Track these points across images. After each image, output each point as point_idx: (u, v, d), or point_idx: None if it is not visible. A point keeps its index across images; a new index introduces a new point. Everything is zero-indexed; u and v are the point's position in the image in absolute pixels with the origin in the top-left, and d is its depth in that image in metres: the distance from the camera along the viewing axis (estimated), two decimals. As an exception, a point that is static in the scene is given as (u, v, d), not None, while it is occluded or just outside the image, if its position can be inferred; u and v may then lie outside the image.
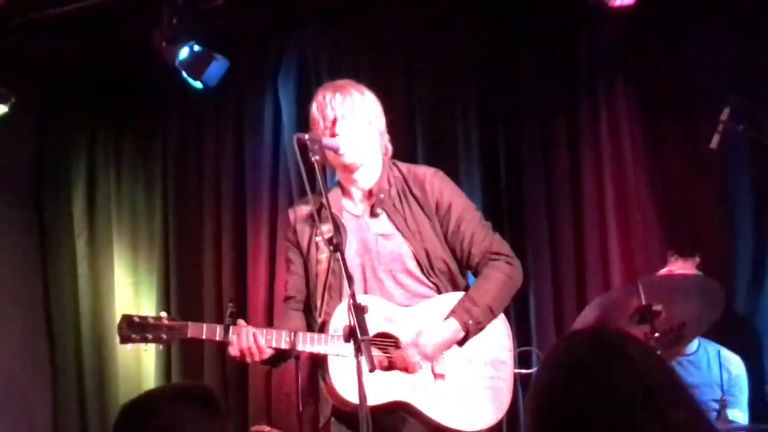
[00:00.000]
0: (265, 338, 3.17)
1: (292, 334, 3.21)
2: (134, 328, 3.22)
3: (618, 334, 1.66)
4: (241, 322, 3.22)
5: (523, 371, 4.46)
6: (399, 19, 5.55)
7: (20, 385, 5.93)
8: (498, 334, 3.41)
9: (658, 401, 1.53)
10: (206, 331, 3.22)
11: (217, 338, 3.20)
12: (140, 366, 5.96)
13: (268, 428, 4.84)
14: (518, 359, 4.67)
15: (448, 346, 3.30)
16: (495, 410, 3.34)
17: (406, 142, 5.30)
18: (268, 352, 3.20)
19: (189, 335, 3.22)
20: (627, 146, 5.10)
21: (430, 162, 4.79)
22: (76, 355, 6.10)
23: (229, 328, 3.19)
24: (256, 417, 5.45)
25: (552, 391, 1.60)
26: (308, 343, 3.20)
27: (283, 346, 3.19)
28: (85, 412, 6.07)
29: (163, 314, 3.28)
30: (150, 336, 3.22)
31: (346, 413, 3.18)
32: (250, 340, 3.16)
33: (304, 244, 3.42)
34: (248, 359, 3.20)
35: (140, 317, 3.25)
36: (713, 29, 5.01)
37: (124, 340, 3.22)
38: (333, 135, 3.31)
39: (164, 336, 3.22)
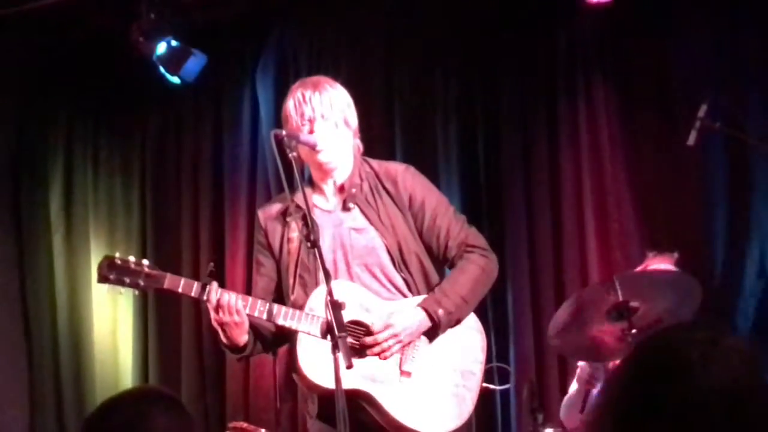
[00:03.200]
0: (242, 301, 3.16)
1: (268, 303, 3.19)
2: (113, 270, 3.18)
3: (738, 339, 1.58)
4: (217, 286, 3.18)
5: (490, 386, 4.46)
6: (379, 13, 5.54)
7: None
8: (472, 346, 3.38)
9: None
10: (183, 284, 3.18)
11: (193, 294, 3.17)
12: (117, 361, 5.94)
13: (246, 424, 4.84)
14: (495, 373, 4.73)
15: (419, 335, 3.28)
16: (455, 417, 3.28)
17: (385, 137, 5.31)
18: (243, 318, 3.16)
19: (165, 286, 3.19)
20: (605, 142, 5.11)
21: (408, 158, 4.78)
22: (53, 351, 6.06)
23: (206, 286, 3.15)
24: (234, 413, 5.43)
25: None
26: (281, 316, 3.18)
27: (257, 314, 3.16)
28: (62, 409, 6.04)
29: (145, 261, 3.24)
30: (127, 280, 3.17)
31: (330, 412, 3.14)
32: (226, 299, 3.13)
33: (276, 243, 3.39)
34: (224, 319, 3.14)
35: (122, 259, 3.21)
36: (691, 25, 5.03)
37: (102, 279, 3.18)
38: (311, 133, 3.30)
39: (141, 282, 3.19)
